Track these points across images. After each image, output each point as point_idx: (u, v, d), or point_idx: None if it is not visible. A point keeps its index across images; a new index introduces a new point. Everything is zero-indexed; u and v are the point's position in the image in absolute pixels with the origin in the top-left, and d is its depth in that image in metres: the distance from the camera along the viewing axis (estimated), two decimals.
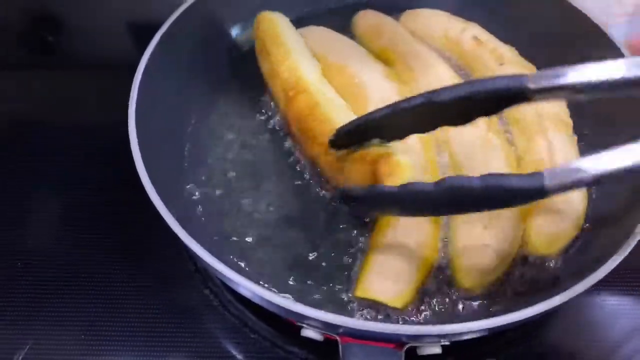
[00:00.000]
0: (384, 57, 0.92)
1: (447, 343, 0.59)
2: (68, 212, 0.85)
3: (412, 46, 0.91)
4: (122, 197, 0.84)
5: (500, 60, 0.88)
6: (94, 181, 0.88)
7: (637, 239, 0.62)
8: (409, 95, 0.84)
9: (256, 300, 0.62)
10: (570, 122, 0.83)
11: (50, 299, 0.76)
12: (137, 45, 0.82)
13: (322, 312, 0.56)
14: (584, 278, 0.59)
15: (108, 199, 0.86)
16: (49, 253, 0.81)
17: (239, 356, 0.72)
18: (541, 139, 0.79)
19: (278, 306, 0.57)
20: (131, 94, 0.74)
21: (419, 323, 0.66)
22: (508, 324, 0.57)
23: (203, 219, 0.76)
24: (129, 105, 0.73)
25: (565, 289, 0.58)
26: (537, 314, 0.57)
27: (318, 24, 0.96)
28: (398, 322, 0.66)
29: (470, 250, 0.71)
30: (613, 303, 0.77)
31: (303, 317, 0.58)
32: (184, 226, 0.63)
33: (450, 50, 0.94)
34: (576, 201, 0.75)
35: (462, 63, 0.92)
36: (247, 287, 0.58)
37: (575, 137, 0.82)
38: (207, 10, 0.89)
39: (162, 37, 0.81)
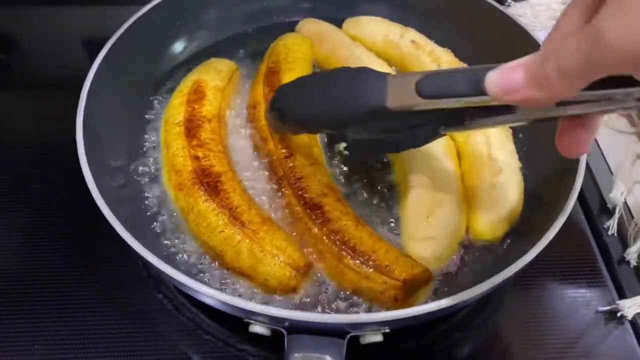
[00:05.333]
0: (326, 63, 0.96)
1: (387, 331, 0.62)
2: (22, 227, 0.85)
3: (353, 51, 0.94)
4: (75, 211, 0.86)
5: (438, 62, 0.92)
6: (48, 196, 0.89)
7: (549, 238, 0.65)
8: None
9: (202, 299, 0.64)
10: None
11: (3, 310, 0.76)
12: (90, 61, 0.83)
13: (266, 306, 0.59)
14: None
15: (62, 212, 0.87)
16: (3, 265, 0.81)
17: (194, 357, 0.73)
18: (479, 134, 0.84)
19: (223, 303, 0.60)
20: (79, 106, 0.76)
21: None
22: (441, 310, 0.60)
23: (158, 230, 0.78)
24: (77, 120, 0.75)
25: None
26: (465, 301, 0.61)
27: (262, 37, 1.01)
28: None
29: (416, 241, 0.75)
30: (572, 292, 0.81)
31: (250, 313, 0.60)
32: (136, 236, 0.65)
33: (391, 53, 0.97)
34: (514, 188, 0.80)
35: (402, 65, 0.96)
36: (193, 287, 0.61)
37: (511, 131, 0.87)
38: (152, 26, 0.91)
39: (108, 52, 0.83)
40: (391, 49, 0.97)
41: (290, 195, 0.76)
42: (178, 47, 0.99)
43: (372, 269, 0.69)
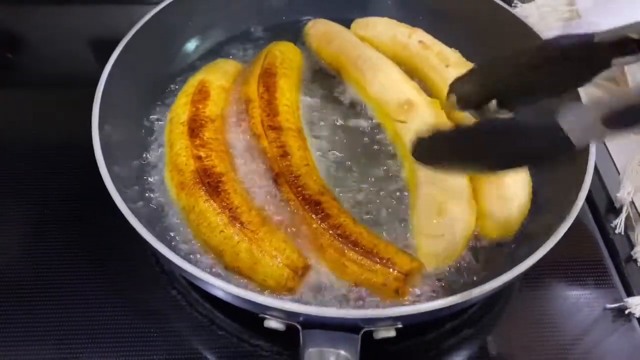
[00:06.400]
0: (336, 63, 0.97)
1: (400, 326, 0.63)
2: (33, 224, 0.86)
3: (362, 50, 0.95)
4: (89, 208, 0.86)
5: (446, 62, 0.93)
6: (61, 193, 0.89)
7: (558, 237, 0.66)
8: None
9: (218, 294, 0.65)
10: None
11: (19, 306, 0.77)
12: (98, 61, 0.84)
13: (283, 300, 0.60)
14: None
15: (76, 210, 0.87)
16: (17, 262, 0.82)
17: (207, 353, 0.74)
18: None
19: (240, 298, 0.61)
20: (93, 107, 0.77)
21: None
22: (453, 306, 0.61)
23: (171, 227, 0.78)
24: (92, 119, 0.75)
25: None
26: (475, 298, 0.62)
27: (272, 37, 1.02)
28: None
29: (427, 238, 0.76)
30: (580, 290, 0.82)
31: (266, 308, 0.61)
32: (150, 231, 0.65)
33: (398, 54, 0.98)
34: (523, 187, 0.81)
35: (410, 66, 0.97)
36: (208, 281, 0.62)
37: None
38: (163, 26, 0.92)
39: (121, 52, 0.84)
40: (399, 49, 0.98)
41: (288, 192, 0.77)
42: (190, 46, 1.00)
43: (375, 262, 0.70)
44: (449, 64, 0.92)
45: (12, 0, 1.20)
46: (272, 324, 0.63)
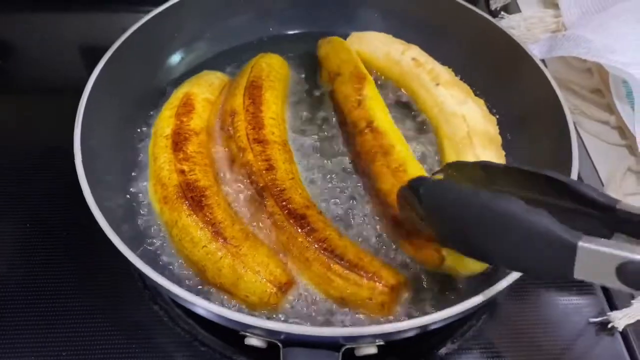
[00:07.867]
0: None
1: (382, 343, 0.63)
2: (17, 236, 0.86)
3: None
4: (71, 219, 0.86)
5: (437, 81, 0.92)
6: (44, 204, 0.89)
7: None
8: None
9: (199, 312, 0.65)
10: (499, 138, 0.87)
11: (1, 321, 0.77)
12: (88, 69, 0.83)
13: (262, 319, 0.60)
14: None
15: (58, 221, 0.87)
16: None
17: None
18: (470, 155, 0.83)
19: (220, 316, 0.61)
20: (77, 116, 0.77)
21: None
22: (435, 322, 0.61)
23: (155, 242, 0.78)
24: (75, 128, 0.75)
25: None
26: (460, 313, 0.62)
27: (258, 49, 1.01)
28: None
29: None
30: (564, 301, 0.82)
31: (246, 326, 0.61)
32: (132, 248, 0.66)
33: (391, 70, 0.98)
34: None
35: (401, 83, 0.97)
36: (188, 299, 0.62)
37: (504, 153, 0.86)
38: (149, 38, 0.92)
39: (105, 63, 0.84)
40: (392, 65, 0.98)
41: (273, 206, 0.77)
42: (175, 58, 1.00)
43: (360, 276, 0.70)
44: (440, 82, 0.92)
45: (2, 8, 1.20)
46: (253, 341, 0.63)
